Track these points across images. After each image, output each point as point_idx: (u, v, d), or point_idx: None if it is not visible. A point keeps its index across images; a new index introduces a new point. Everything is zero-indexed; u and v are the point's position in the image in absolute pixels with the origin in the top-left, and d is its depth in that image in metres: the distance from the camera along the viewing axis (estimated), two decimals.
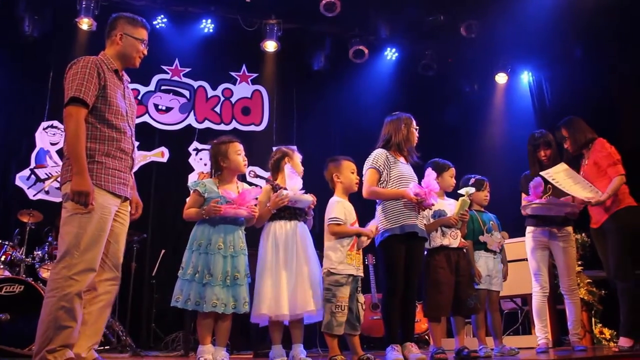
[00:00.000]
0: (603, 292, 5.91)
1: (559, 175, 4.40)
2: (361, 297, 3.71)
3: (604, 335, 5.77)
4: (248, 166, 3.76)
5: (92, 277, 2.83)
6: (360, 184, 3.92)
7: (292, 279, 3.46)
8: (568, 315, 4.67)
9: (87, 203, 2.76)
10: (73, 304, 2.71)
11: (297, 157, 3.90)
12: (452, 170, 4.40)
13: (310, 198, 3.66)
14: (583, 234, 5.98)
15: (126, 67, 3.19)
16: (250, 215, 3.48)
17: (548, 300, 4.80)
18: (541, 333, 4.63)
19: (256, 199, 3.56)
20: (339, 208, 3.72)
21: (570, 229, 4.72)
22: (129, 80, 3.28)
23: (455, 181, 4.42)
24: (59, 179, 6.82)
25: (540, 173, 4.50)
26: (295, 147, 3.99)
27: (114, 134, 2.96)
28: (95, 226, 2.81)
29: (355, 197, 3.95)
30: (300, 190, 3.64)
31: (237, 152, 3.58)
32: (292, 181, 3.64)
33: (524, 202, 4.71)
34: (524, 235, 4.91)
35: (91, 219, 2.80)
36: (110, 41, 3.15)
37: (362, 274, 3.74)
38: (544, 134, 4.83)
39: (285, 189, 3.62)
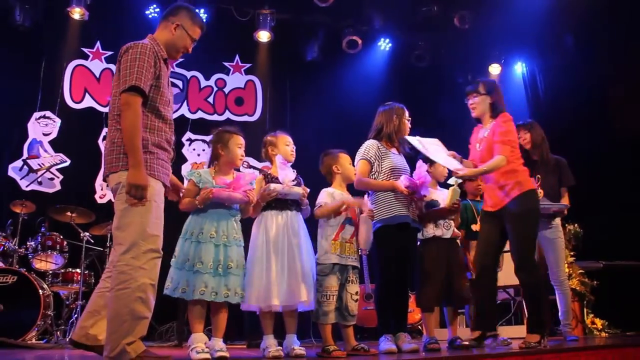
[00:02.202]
0: (595, 282, 5.95)
1: (432, 147, 3.96)
2: (353, 288, 3.65)
3: (595, 326, 5.82)
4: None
5: (159, 265, 2.78)
6: None
7: (283, 269, 3.42)
8: (559, 306, 4.72)
9: (142, 197, 2.70)
10: (148, 294, 2.68)
11: (283, 140, 3.79)
12: None
13: (300, 190, 3.61)
14: (575, 225, 6.01)
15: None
16: (244, 199, 3.40)
17: None
18: None
19: (251, 183, 3.54)
20: (326, 195, 3.74)
21: (558, 220, 4.77)
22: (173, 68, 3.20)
23: (448, 170, 4.42)
24: (51, 169, 6.80)
25: (407, 137, 4.03)
26: (278, 132, 3.88)
27: (162, 124, 2.91)
28: (155, 214, 2.77)
29: (350, 191, 3.94)
30: (292, 181, 3.60)
31: (238, 145, 3.53)
32: (283, 172, 3.60)
33: None
34: None
35: (150, 207, 2.75)
36: (164, 25, 3.05)
37: (353, 263, 3.68)
38: (524, 121, 4.90)
39: (277, 178, 3.61)
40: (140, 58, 2.77)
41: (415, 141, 3.92)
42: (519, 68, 8.90)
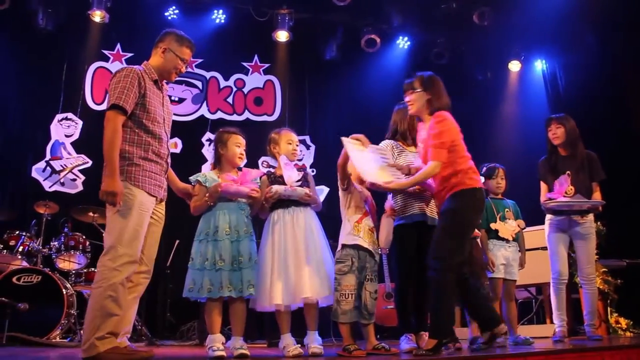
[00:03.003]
0: (619, 281, 5.88)
1: (362, 153, 3.61)
2: (371, 286, 3.60)
3: (620, 325, 5.74)
4: (261, 157, 3.74)
5: (134, 268, 3.04)
6: None
7: (290, 267, 3.40)
8: (584, 305, 4.61)
9: (114, 202, 2.96)
10: (118, 293, 2.92)
11: (285, 138, 3.74)
12: None
13: (302, 191, 3.55)
14: (598, 223, 5.93)
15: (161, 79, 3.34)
16: (252, 193, 3.45)
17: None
18: (559, 321, 4.56)
19: (256, 180, 3.57)
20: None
21: (591, 217, 4.65)
22: (167, 89, 3.44)
23: None
24: (73, 170, 6.91)
25: (352, 135, 3.70)
26: (283, 129, 3.83)
27: (150, 139, 3.15)
28: (135, 221, 3.02)
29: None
30: (297, 182, 3.56)
31: (237, 144, 3.58)
32: (287, 173, 3.57)
33: (544, 198, 4.67)
34: (539, 223, 4.88)
35: (131, 215, 3.01)
36: (154, 52, 3.33)
37: (372, 250, 3.61)
38: (559, 114, 4.81)
39: (282, 177, 3.60)
40: (124, 80, 3.07)
41: (347, 142, 3.65)
42: (539, 65, 8.81)
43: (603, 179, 4.69)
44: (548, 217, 4.74)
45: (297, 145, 3.79)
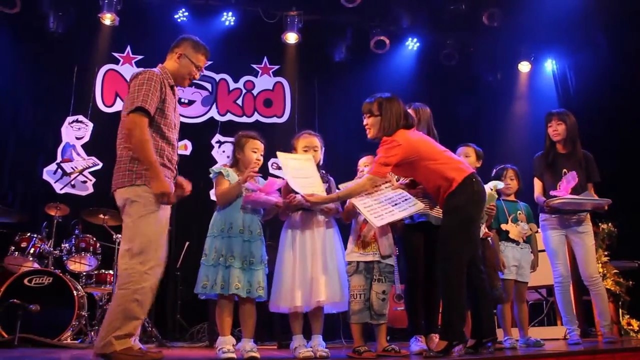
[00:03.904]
0: (630, 282, 5.83)
1: (300, 163, 3.65)
2: (379, 287, 3.59)
3: (631, 327, 5.69)
4: (270, 159, 3.75)
5: (161, 272, 3.05)
6: None
7: (307, 270, 3.43)
8: (594, 306, 4.57)
9: (170, 202, 3.04)
10: (145, 298, 2.93)
11: (302, 144, 3.77)
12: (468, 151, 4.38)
13: (324, 206, 3.56)
14: (609, 224, 5.89)
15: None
16: (279, 203, 3.50)
17: (573, 290, 4.71)
18: (570, 324, 4.50)
19: (279, 190, 3.58)
20: None
21: (589, 215, 4.59)
22: (178, 94, 3.47)
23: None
24: (84, 173, 6.93)
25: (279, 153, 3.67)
26: (303, 133, 3.86)
27: (165, 145, 3.15)
28: (161, 226, 3.07)
29: None
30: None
31: (253, 150, 3.59)
32: None
33: (538, 193, 4.63)
34: None
35: (157, 219, 3.03)
36: (170, 56, 3.34)
37: (375, 258, 3.61)
38: (559, 110, 4.76)
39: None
40: (147, 83, 3.06)
41: (283, 157, 3.63)
42: (549, 65, 8.76)
43: (597, 181, 4.62)
44: (542, 217, 4.67)
45: (315, 150, 3.77)
